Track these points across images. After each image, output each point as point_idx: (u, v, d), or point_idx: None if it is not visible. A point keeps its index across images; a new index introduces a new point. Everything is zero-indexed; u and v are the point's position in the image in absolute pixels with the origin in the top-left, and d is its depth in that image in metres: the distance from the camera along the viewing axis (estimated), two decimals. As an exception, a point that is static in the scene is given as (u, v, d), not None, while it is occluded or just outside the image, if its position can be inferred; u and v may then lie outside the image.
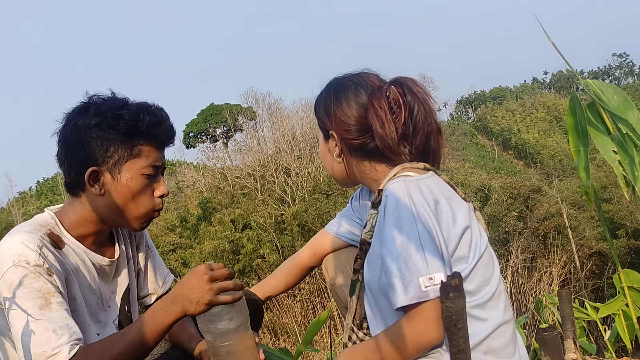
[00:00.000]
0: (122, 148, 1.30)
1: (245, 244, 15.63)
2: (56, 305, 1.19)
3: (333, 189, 18.64)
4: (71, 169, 1.33)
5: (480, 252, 1.26)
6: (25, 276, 1.17)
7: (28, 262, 1.19)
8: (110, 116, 1.30)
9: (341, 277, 1.65)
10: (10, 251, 1.20)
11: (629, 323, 2.60)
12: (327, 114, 1.41)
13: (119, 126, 1.29)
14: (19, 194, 40.80)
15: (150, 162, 1.34)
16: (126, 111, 1.30)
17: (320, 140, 1.48)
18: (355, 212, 1.67)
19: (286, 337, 10.66)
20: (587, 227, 13.60)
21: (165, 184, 1.40)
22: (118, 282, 1.49)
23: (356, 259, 1.39)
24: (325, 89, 1.46)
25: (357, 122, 1.36)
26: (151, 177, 1.35)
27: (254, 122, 34.00)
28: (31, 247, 1.21)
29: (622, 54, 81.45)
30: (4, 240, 1.24)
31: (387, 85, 1.36)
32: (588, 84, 1.79)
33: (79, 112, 1.33)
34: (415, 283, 1.14)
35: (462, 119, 72.57)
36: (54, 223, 1.33)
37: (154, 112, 1.34)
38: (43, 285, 1.19)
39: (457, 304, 0.73)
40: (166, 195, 1.39)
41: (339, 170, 1.45)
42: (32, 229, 1.27)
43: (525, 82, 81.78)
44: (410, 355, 1.18)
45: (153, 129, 1.33)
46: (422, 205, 1.20)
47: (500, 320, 1.26)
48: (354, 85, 1.39)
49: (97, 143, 1.29)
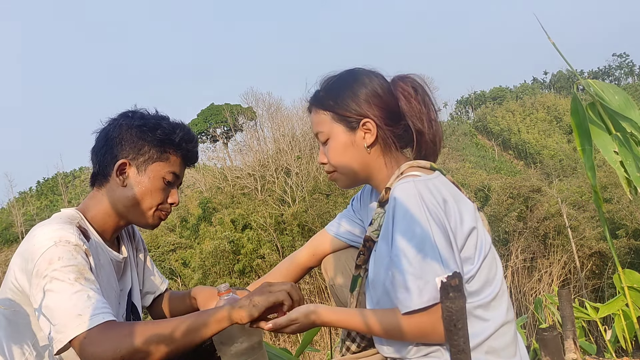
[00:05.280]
0: (154, 150, 1.47)
1: (246, 244, 15.64)
2: (89, 281, 1.24)
3: (333, 189, 18.64)
4: (104, 160, 1.46)
5: (484, 253, 1.26)
6: (65, 253, 1.25)
7: (69, 241, 1.28)
8: (152, 123, 1.48)
9: (341, 278, 1.65)
10: (50, 234, 1.28)
11: (628, 323, 2.61)
12: (361, 102, 1.36)
13: (157, 132, 1.46)
14: (19, 194, 40.87)
15: (174, 170, 1.49)
16: (166, 123, 1.50)
17: (337, 134, 1.39)
18: (356, 213, 1.66)
19: (286, 337, 10.66)
20: (587, 227, 13.61)
21: (178, 195, 1.55)
22: (126, 280, 1.58)
23: (359, 255, 1.38)
24: (340, 80, 1.41)
25: (392, 109, 1.37)
26: (169, 184, 1.49)
27: (254, 122, 34.02)
28: (71, 232, 1.30)
29: (622, 54, 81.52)
30: (39, 229, 1.31)
31: (406, 76, 1.41)
32: (589, 84, 1.79)
33: (125, 116, 1.50)
34: (432, 284, 1.13)
35: (462, 119, 72.61)
36: (79, 217, 1.42)
37: (188, 131, 1.54)
38: (80, 262, 1.26)
39: (457, 304, 0.73)
40: (177, 204, 1.54)
41: (361, 164, 1.39)
42: (65, 221, 1.35)
43: (525, 82, 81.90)
44: (406, 337, 1.21)
45: (185, 143, 1.50)
46: (433, 205, 1.19)
47: (503, 320, 1.26)
48: (372, 75, 1.40)
49: (134, 141, 1.46)
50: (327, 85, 1.43)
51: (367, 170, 1.40)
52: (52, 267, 1.21)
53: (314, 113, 1.44)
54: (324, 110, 1.40)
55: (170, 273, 16.13)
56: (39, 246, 1.25)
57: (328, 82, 1.44)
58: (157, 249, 17.20)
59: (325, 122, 1.40)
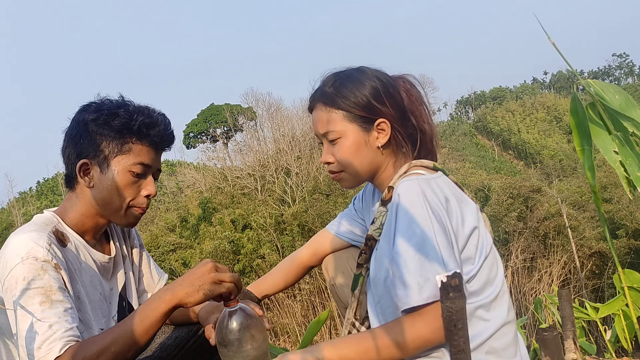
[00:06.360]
0: (113, 144, 1.35)
1: (246, 244, 15.62)
2: (56, 303, 1.20)
3: (333, 189, 18.62)
4: (69, 161, 1.38)
5: (486, 253, 1.26)
6: (31, 272, 1.19)
7: (36, 258, 1.21)
8: (107, 113, 1.35)
9: (341, 278, 1.65)
10: (19, 248, 1.22)
11: (628, 323, 2.60)
12: (375, 101, 1.34)
13: (113, 124, 1.34)
14: (19, 194, 40.85)
15: (140, 160, 1.37)
16: (123, 110, 1.36)
17: (350, 134, 1.35)
18: (358, 212, 1.65)
19: (286, 337, 10.66)
20: (587, 227, 13.60)
21: (155, 185, 1.41)
22: (117, 279, 1.52)
23: (360, 254, 1.38)
24: (351, 78, 1.37)
25: (402, 108, 1.37)
26: (139, 176, 1.38)
27: (254, 122, 33.98)
28: (40, 244, 1.24)
29: (622, 54, 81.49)
30: (11, 239, 1.26)
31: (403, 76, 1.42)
32: (589, 84, 1.79)
33: (81, 110, 1.39)
34: (431, 281, 1.12)
35: (462, 119, 72.57)
36: (56, 221, 1.36)
37: (149, 114, 1.38)
38: (47, 282, 1.20)
39: (457, 304, 0.73)
40: (154, 195, 1.41)
41: (372, 164, 1.37)
42: (38, 228, 1.29)
43: (525, 82, 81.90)
44: (410, 351, 1.16)
45: (145, 129, 1.36)
46: (436, 204, 1.19)
47: (504, 320, 1.26)
48: (382, 74, 1.40)
49: (91, 137, 1.35)
50: (337, 82, 1.38)
51: (374, 170, 1.39)
52: (17, 287, 1.18)
53: (321, 111, 1.39)
54: (335, 108, 1.36)
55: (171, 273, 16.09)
56: (9, 261, 1.22)
57: (336, 80, 1.39)
58: (157, 249, 17.18)
59: (336, 121, 1.36)
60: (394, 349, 1.16)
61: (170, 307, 1.18)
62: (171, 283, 1.22)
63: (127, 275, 1.56)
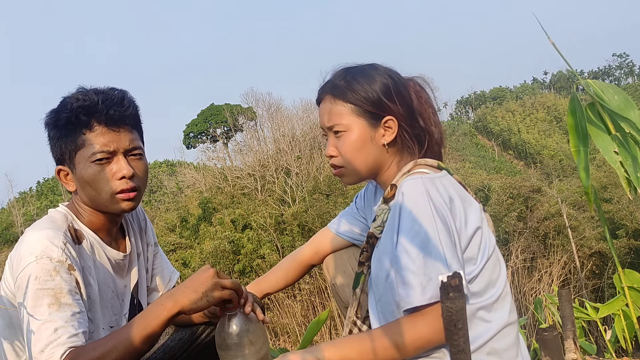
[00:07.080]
0: (68, 142, 1.32)
1: (246, 244, 15.62)
2: (64, 306, 1.19)
3: (333, 189, 18.63)
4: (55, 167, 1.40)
5: (488, 254, 1.25)
6: (43, 273, 1.19)
7: (51, 258, 1.21)
8: (51, 116, 1.34)
9: (342, 277, 1.64)
10: (34, 246, 1.22)
11: (628, 323, 2.61)
12: (385, 98, 1.33)
13: (59, 123, 1.32)
14: (19, 194, 40.84)
15: (97, 148, 1.30)
16: (61, 105, 1.33)
17: (356, 128, 1.34)
18: (360, 210, 1.64)
19: (286, 337, 10.66)
20: (587, 227, 13.61)
21: (127, 164, 1.33)
22: (131, 277, 1.50)
23: (362, 252, 1.37)
24: (364, 73, 1.36)
25: (411, 108, 1.37)
26: (104, 162, 1.31)
27: (254, 122, 33.97)
28: (55, 243, 1.23)
29: (622, 54, 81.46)
30: (27, 235, 1.26)
31: (412, 77, 1.43)
32: (588, 84, 1.79)
33: (45, 117, 1.38)
34: (434, 282, 1.12)
35: (462, 119, 72.58)
36: (71, 218, 1.36)
37: (84, 98, 1.31)
38: (58, 284, 1.19)
39: (457, 304, 0.73)
40: (128, 175, 1.32)
41: (376, 161, 1.36)
42: (55, 225, 1.29)
43: (525, 82, 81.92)
44: (410, 352, 1.16)
45: (85, 115, 1.30)
46: (440, 203, 1.18)
47: (505, 321, 1.25)
48: (393, 73, 1.40)
49: (53, 143, 1.35)
50: (348, 76, 1.37)
51: (378, 168, 1.38)
52: (28, 286, 1.18)
53: (329, 103, 1.38)
54: (344, 101, 1.35)
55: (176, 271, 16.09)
56: (23, 258, 1.22)
57: (348, 73, 1.38)
58: (157, 249, 17.17)
59: (344, 115, 1.35)
60: (394, 349, 1.15)
61: (172, 315, 1.18)
62: (172, 289, 1.22)
63: (141, 273, 1.54)
